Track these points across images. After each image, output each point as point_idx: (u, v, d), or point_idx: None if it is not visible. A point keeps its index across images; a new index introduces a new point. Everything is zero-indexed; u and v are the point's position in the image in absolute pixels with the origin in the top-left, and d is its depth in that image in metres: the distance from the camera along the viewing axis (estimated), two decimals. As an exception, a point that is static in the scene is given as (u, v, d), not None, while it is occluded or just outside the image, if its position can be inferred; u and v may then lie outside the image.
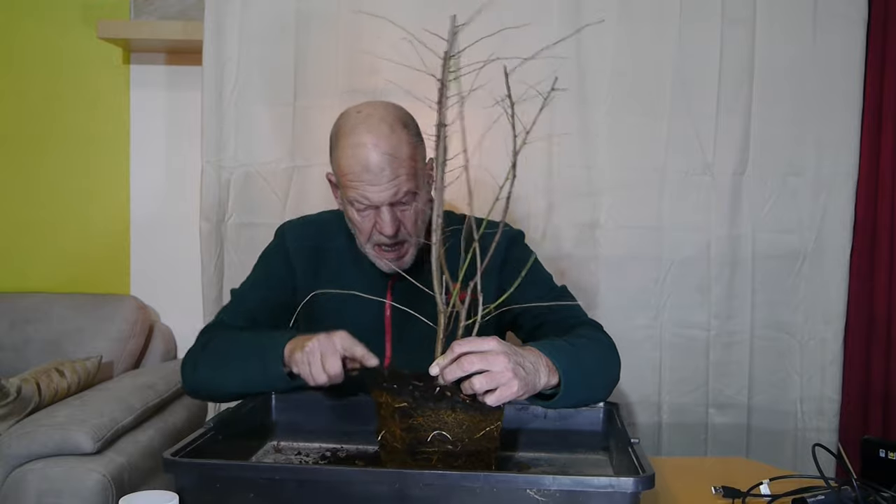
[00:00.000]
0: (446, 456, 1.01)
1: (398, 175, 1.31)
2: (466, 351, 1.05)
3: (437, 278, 1.07)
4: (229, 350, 1.35)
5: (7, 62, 2.45)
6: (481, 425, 1.03)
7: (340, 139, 1.35)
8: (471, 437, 1.02)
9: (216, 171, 2.08)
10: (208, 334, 1.42)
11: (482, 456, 1.04)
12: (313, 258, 1.49)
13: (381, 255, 1.39)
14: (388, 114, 1.35)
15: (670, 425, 2.16)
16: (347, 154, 1.32)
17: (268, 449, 1.27)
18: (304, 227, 1.55)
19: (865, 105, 2.10)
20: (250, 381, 1.29)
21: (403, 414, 1.02)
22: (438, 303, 1.08)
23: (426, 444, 1.01)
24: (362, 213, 1.36)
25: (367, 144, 1.30)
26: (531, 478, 0.94)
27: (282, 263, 1.50)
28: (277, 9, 2.07)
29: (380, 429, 1.07)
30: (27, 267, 2.48)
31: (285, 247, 1.51)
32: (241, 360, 1.31)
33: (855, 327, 2.14)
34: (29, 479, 1.69)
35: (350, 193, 1.35)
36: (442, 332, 1.08)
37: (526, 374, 1.08)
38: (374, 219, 1.35)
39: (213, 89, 2.07)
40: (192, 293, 2.13)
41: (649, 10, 2.09)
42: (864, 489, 1.08)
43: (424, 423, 1.01)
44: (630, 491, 0.90)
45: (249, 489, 0.95)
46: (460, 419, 1.01)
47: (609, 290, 2.14)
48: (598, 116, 2.10)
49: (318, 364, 1.18)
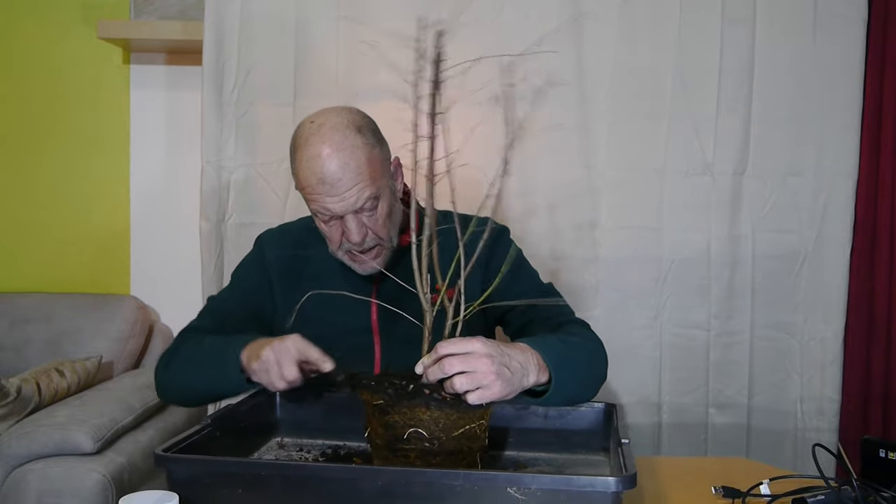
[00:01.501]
0: (424, 454, 1.02)
1: (357, 183, 1.29)
2: (449, 353, 1.05)
3: (419, 278, 1.08)
4: (194, 355, 1.36)
5: (7, 62, 2.45)
6: (459, 423, 1.02)
7: (296, 152, 1.33)
8: (448, 436, 1.02)
9: (216, 171, 2.08)
10: (180, 338, 1.43)
11: (463, 455, 1.04)
12: (294, 266, 1.48)
13: (354, 260, 1.38)
14: (340, 121, 1.32)
15: (670, 425, 2.16)
16: (303, 167, 1.31)
17: (271, 445, 1.28)
18: (282, 235, 1.54)
19: (865, 105, 2.11)
20: (213, 387, 1.32)
21: (381, 411, 1.03)
22: (423, 302, 1.08)
23: (403, 440, 1.02)
24: (329, 224, 1.35)
25: (321, 156, 1.28)
26: (512, 476, 0.95)
27: (257, 274, 1.50)
28: (277, 9, 2.08)
29: (366, 426, 1.08)
30: (27, 267, 2.48)
31: (262, 257, 1.50)
32: (203, 366, 1.32)
33: (855, 327, 2.14)
34: (29, 479, 1.69)
35: (312, 206, 1.34)
36: (427, 332, 1.08)
37: (511, 374, 1.08)
38: (341, 227, 1.34)
39: (213, 89, 2.07)
40: (192, 293, 2.13)
41: (649, 10, 2.09)
42: (864, 489, 1.08)
43: (400, 420, 1.02)
44: (611, 491, 0.89)
45: (237, 485, 0.96)
46: (435, 417, 1.01)
47: (609, 290, 2.14)
48: (597, 116, 2.10)
49: (275, 371, 1.18)
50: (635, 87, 2.10)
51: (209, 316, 1.49)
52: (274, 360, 1.18)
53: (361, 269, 1.39)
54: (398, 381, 1.07)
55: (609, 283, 2.13)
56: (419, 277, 1.08)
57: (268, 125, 2.09)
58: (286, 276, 1.48)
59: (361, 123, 1.34)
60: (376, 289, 1.44)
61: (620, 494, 0.90)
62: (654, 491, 1.20)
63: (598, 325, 2.12)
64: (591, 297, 2.14)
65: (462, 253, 1.08)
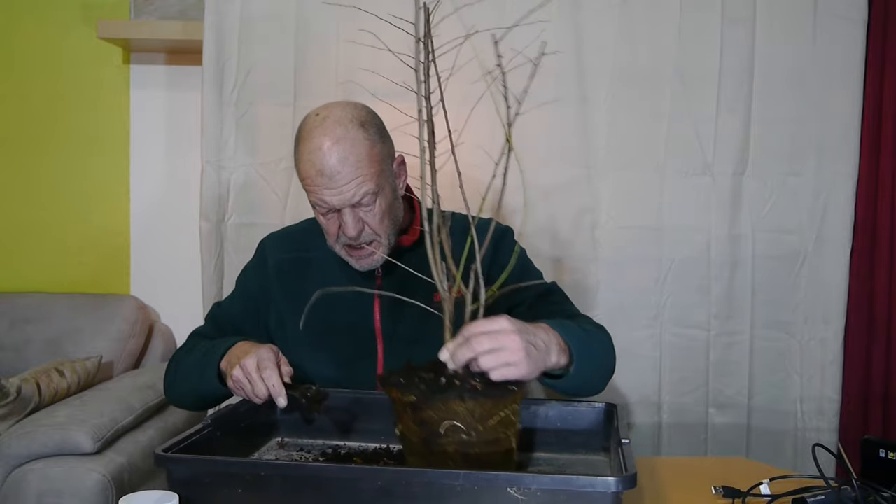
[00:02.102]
0: (462, 446, 1.00)
1: (356, 177, 1.29)
2: (477, 332, 1.04)
3: (434, 267, 1.07)
4: (186, 361, 1.42)
5: (7, 62, 2.45)
6: (494, 411, 1.01)
7: (299, 144, 1.35)
8: (485, 425, 1.00)
9: (216, 171, 2.08)
10: (185, 343, 1.50)
11: (501, 443, 1.02)
12: (297, 269, 1.49)
13: (351, 255, 1.39)
14: (344, 115, 1.33)
15: (670, 425, 2.16)
16: (304, 159, 1.32)
17: (271, 445, 1.28)
18: (285, 239, 1.55)
19: (865, 105, 2.10)
20: (199, 392, 1.37)
21: (414, 409, 1.01)
22: (441, 290, 1.07)
23: (440, 436, 1.00)
24: (326, 217, 1.36)
25: (322, 148, 1.29)
26: (512, 476, 0.94)
27: (258, 279, 1.51)
28: (277, 9, 2.08)
29: (397, 424, 1.07)
30: (27, 267, 2.48)
31: (265, 262, 1.51)
32: (191, 371, 1.38)
33: (855, 327, 2.14)
34: (29, 479, 1.69)
35: (311, 198, 1.35)
36: (448, 320, 1.06)
37: (537, 352, 1.07)
38: (338, 220, 1.35)
39: (213, 89, 2.07)
40: (192, 293, 2.13)
41: (649, 10, 2.09)
42: (864, 489, 1.08)
43: (435, 416, 1.00)
44: (611, 491, 0.89)
45: (237, 485, 0.96)
46: (471, 408, 0.99)
47: (609, 290, 2.13)
48: (597, 116, 2.10)
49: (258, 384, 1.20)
50: (635, 86, 2.10)
51: (211, 322, 1.52)
52: (252, 372, 1.21)
53: (358, 264, 1.39)
54: (426, 374, 1.05)
55: (609, 283, 2.13)
56: (435, 266, 1.06)
57: (268, 125, 2.09)
58: (287, 280, 1.48)
59: (366, 119, 1.34)
60: (378, 289, 1.45)
61: (620, 495, 0.90)
62: (654, 491, 1.20)
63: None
64: (591, 297, 2.13)
65: (474, 235, 1.06)
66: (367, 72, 2.05)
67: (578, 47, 2.08)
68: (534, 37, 1.09)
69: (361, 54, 2.06)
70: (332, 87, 2.07)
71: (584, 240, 2.13)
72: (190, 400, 1.46)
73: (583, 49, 2.08)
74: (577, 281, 2.11)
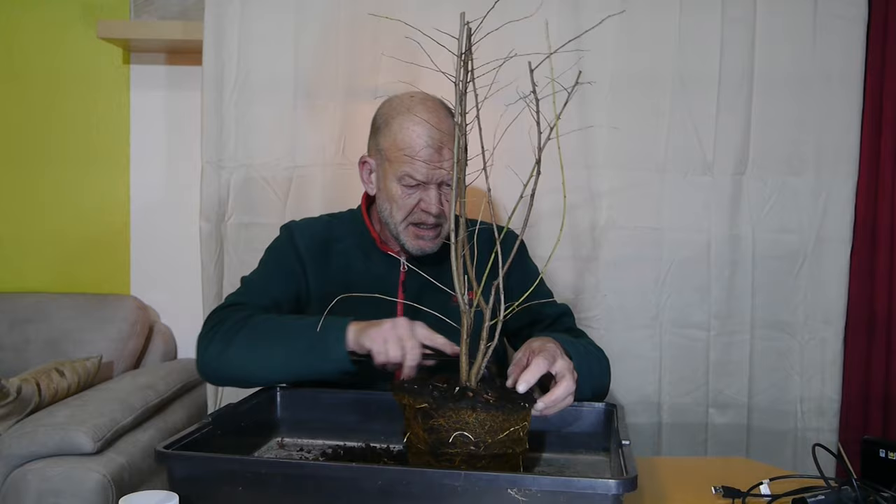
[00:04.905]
0: (470, 457, 1.01)
1: (449, 158, 1.34)
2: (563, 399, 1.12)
3: (457, 280, 1.07)
4: (277, 331, 1.29)
5: (7, 62, 2.45)
6: (504, 426, 1.01)
7: (396, 117, 1.39)
8: (494, 438, 1.01)
9: (216, 171, 2.08)
10: (230, 314, 1.35)
11: (508, 458, 1.03)
12: (322, 255, 1.50)
13: (415, 235, 1.42)
14: (440, 102, 1.41)
15: (670, 425, 2.16)
16: (407, 129, 1.37)
17: (272, 445, 1.28)
18: (311, 225, 1.56)
19: (865, 105, 2.10)
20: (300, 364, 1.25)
21: (425, 415, 1.02)
22: (461, 303, 1.07)
23: (448, 444, 1.00)
24: (408, 191, 1.39)
25: (430, 122, 1.35)
26: (512, 477, 0.94)
27: (293, 258, 1.50)
28: (277, 9, 2.07)
29: (405, 431, 1.07)
30: (27, 267, 2.48)
31: (295, 243, 1.51)
32: (292, 341, 1.26)
33: (855, 327, 2.14)
34: (29, 479, 1.69)
35: (403, 168, 1.38)
36: (465, 333, 1.07)
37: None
38: (418, 197, 1.39)
39: (213, 89, 2.07)
40: (192, 293, 2.13)
41: (649, 10, 2.09)
42: (864, 489, 1.08)
43: (446, 424, 1.00)
44: (611, 493, 0.89)
45: (238, 483, 0.96)
46: (482, 419, 1.00)
47: (609, 291, 2.13)
48: (598, 116, 2.10)
49: (401, 342, 1.19)
50: (635, 87, 2.10)
51: (256, 294, 1.43)
52: (404, 331, 1.20)
53: (417, 245, 1.42)
54: (440, 384, 1.06)
55: (609, 283, 2.13)
56: (457, 279, 1.07)
57: (268, 125, 2.09)
58: (317, 263, 1.49)
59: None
60: (402, 284, 1.45)
61: (621, 497, 0.90)
62: (654, 491, 1.20)
63: (598, 325, 2.13)
64: (591, 297, 2.14)
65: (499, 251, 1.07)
66: (368, 72, 2.07)
67: (578, 48, 2.08)
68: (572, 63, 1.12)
69: (362, 54, 2.07)
70: (332, 88, 2.07)
71: (584, 240, 2.13)
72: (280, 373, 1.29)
73: (583, 49, 2.08)
74: (577, 281, 2.11)
